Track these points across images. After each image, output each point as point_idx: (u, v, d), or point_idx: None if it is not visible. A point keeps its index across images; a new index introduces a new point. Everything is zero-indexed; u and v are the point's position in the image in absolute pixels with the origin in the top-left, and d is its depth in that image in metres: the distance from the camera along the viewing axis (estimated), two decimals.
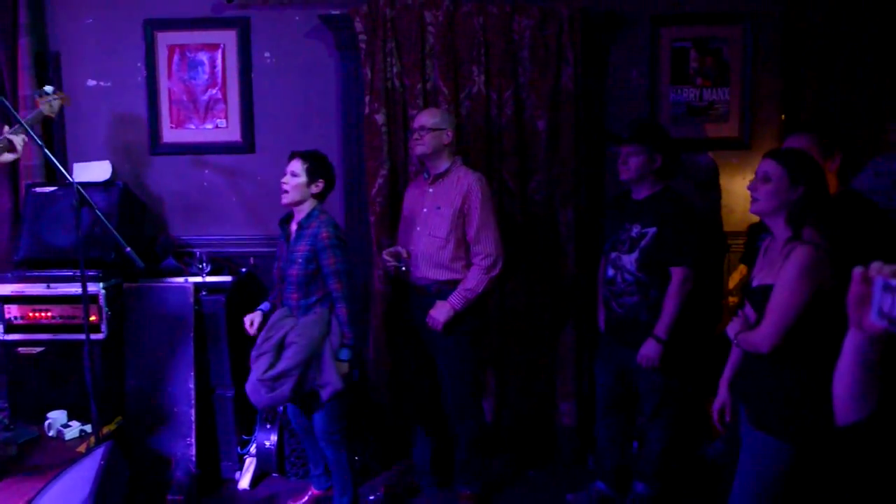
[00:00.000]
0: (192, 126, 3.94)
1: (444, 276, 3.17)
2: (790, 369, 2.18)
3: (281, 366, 2.97)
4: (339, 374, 3.01)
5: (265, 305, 3.26)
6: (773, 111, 3.90)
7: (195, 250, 3.83)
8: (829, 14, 3.84)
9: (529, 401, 3.87)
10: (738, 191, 3.90)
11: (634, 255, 3.06)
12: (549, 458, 3.88)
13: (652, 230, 3.02)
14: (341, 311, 3.04)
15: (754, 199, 2.29)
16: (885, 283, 1.07)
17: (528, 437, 3.90)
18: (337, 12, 3.75)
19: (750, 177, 3.87)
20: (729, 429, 2.56)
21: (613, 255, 3.15)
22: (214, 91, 3.92)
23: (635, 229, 3.07)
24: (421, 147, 3.17)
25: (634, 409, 3.37)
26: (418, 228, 3.23)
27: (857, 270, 1.14)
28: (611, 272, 3.16)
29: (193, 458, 3.45)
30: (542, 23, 3.62)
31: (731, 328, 2.37)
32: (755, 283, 2.33)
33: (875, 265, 1.11)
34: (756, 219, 3.41)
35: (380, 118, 3.63)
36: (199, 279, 3.59)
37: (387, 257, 3.25)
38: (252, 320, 3.18)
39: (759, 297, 2.26)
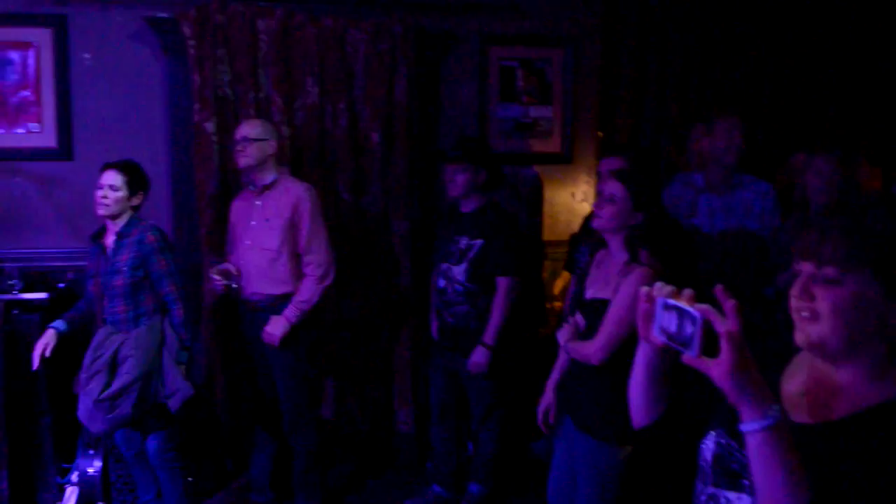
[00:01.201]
0: (1, 130, 3.64)
1: (277, 289, 3.14)
2: (611, 376, 2.35)
3: (118, 383, 2.84)
4: (184, 378, 2.92)
5: (59, 324, 3.03)
6: (592, 129, 4.19)
7: (5, 265, 3.53)
8: (640, 38, 4.18)
9: (368, 410, 3.91)
10: (562, 202, 4.16)
11: (463, 267, 3.19)
12: (388, 466, 3.94)
13: (479, 242, 3.17)
14: (177, 313, 2.96)
15: (597, 216, 2.45)
16: (664, 302, 1.18)
17: (368, 446, 3.94)
18: (164, 15, 3.60)
19: (572, 189, 4.19)
20: (553, 429, 2.73)
21: (444, 266, 3.27)
22: (26, 93, 3.64)
23: (463, 241, 3.20)
24: (245, 159, 3.11)
25: (467, 412, 3.50)
26: (248, 242, 3.18)
27: (643, 290, 1.26)
28: (442, 283, 3.27)
29: (5, 492, 3.19)
30: (375, 37, 3.67)
31: (562, 334, 2.51)
32: (589, 294, 2.48)
33: (657, 286, 1.22)
34: (576, 229, 3.68)
35: (210, 127, 3.54)
36: (9, 297, 3.32)
37: (216, 276, 3.15)
38: (46, 345, 2.93)
39: (592, 309, 2.42)
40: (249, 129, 3.14)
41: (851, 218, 1.17)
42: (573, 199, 4.16)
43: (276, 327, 3.10)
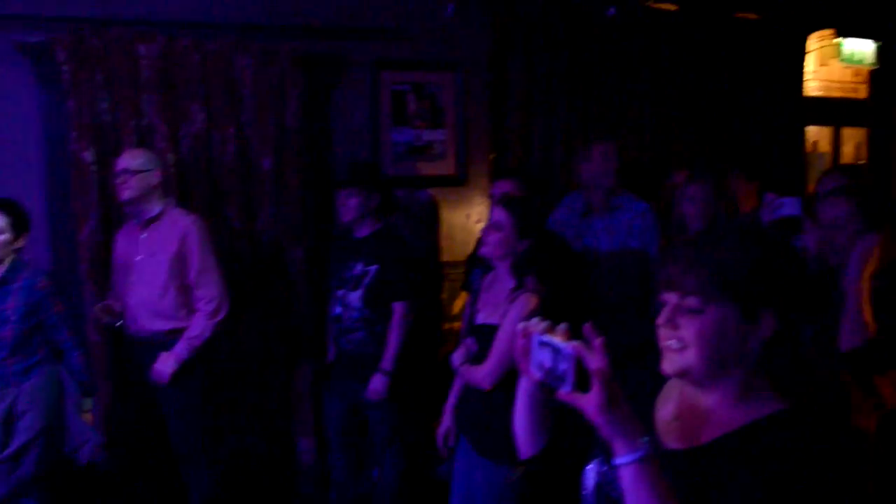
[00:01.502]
0: None
1: (166, 325, 3.03)
2: (504, 399, 2.39)
3: (18, 440, 2.68)
4: (91, 426, 2.78)
5: None
6: (484, 151, 4.27)
7: None
8: (527, 62, 4.30)
9: (268, 442, 3.81)
10: (458, 224, 4.21)
11: (359, 293, 3.18)
12: (291, 498, 3.85)
13: (374, 268, 3.16)
14: (77, 359, 2.84)
15: (485, 243, 2.49)
16: (539, 339, 1.20)
17: (268, 479, 3.84)
18: (36, 40, 3.42)
19: (466, 211, 4.25)
20: (452, 451, 2.75)
21: (340, 292, 3.24)
22: None
23: (358, 267, 3.19)
24: (127, 191, 2.99)
25: (368, 439, 3.47)
26: (134, 277, 3.05)
27: (520, 325, 1.28)
28: (338, 310, 3.24)
29: None
30: (264, 62, 3.62)
31: (456, 358, 2.54)
32: (479, 319, 2.53)
33: (533, 321, 1.25)
34: (472, 249, 3.73)
35: (88, 156, 3.37)
36: None
37: (100, 314, 3.01)
38: None
39: (482, 335, 2.46)
40: (131, 160, 3.02)
41: (711, 247, 1.23)
42: (468, 220, 4.22)
43: (165, 364, 2.98)
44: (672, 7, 4.67)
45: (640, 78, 4.61)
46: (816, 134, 5.78)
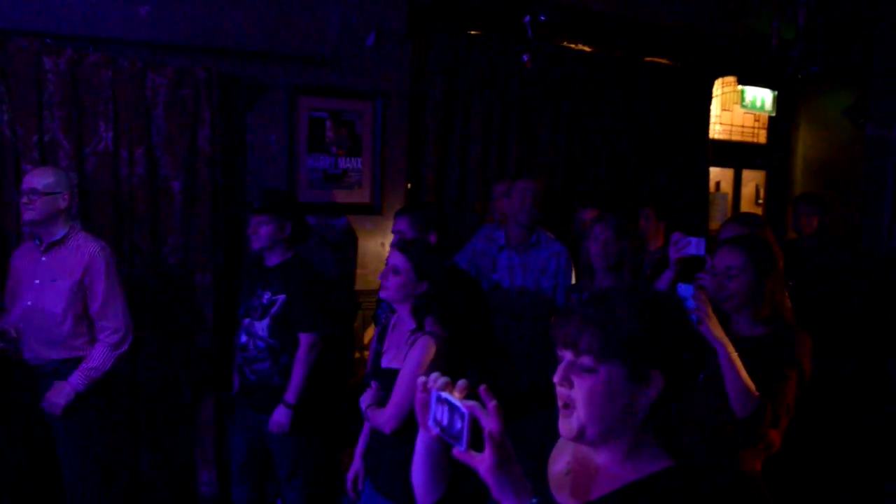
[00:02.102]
0: None
1: (62, 354, 2.89)
2: (408, 442, 2.38)
3: None
4: None
5: None
6: (401, 180, 4.29)
7: None
8: (447, 96, 4.36)
9: (169, 473, 3.68)
10: (373, 252, 4.20)
11: (266, 322, 3.13)
12: None
13: (282, 297, 3.12)
14: None
15: (384, 287, 2.48)
16: (437, 395, 1.21)
17: None
18: None
19: (382, 240, 4.25)
20: (360, 495, 2.72)
21: (246, 321, 3.18)
22: None
23: (266, 296, 3.14)
24: (31, 213, 2.83)
25: (272, 471, 3.40)
26: (29, 302, 2.90)
27: (420, 380, 1.29)
28: (244, 338, 3.18)
29: None
30: (177, 82, 3.53)
31: (364, 400, 2.51)
32: (384, 362, 2.51)
33: (433, 376, 1.25)
34: None
35: None
36: None
37: None
38: None
39: (385, 378, 2.45)
40: (38, 179, 2.85)
41: (606, 309, 1.28)
42: (383, 249, 4.22)
43: (59, 395, 2.84)
44: (586, 48, 4.83)
45: (555, 115, 4.75)
46: (719, 175, 6.07)
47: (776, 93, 5.91)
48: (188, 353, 3.65)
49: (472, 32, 4.42)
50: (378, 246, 4.23)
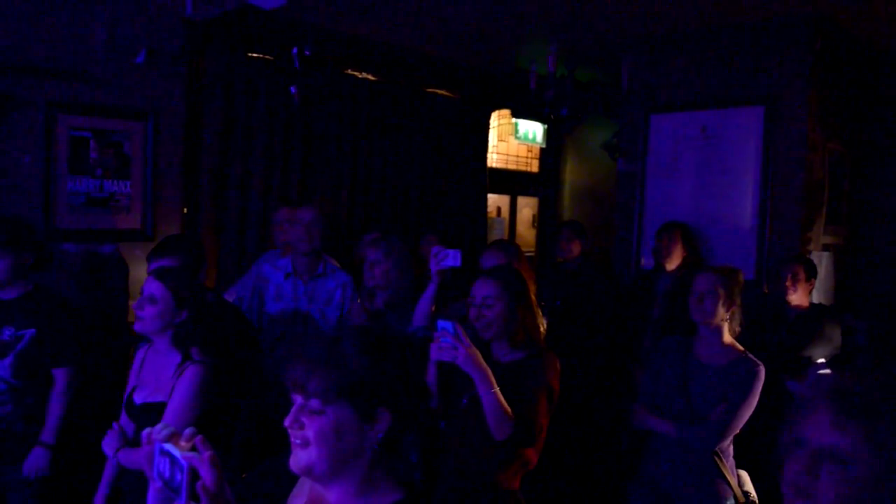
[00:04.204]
0: None
1: None
2: None
3: None
4: None
5: None
6: (176, 204, 4.11)
7: None
8: (225, 118, 4.26)
9: None
10: (143, 281, 3.96)
11: (8, 361, 2.83)
12: None
13: (30, 332, 2.85)
14: None
15: (139, 318, 2.34)
16: (161, 447, 1.16)
17: None
18: None
19: None
20: None
21: None
22: None
23: (7, 333, 2.85)
24: None
25: None
26: None
27: (145, 431, 1.24)
28: None
29: None
30: None
31: (109, 445, 2.34)
32: (140, 398, 2.36)
33: (157, 428, 1.20)
34: None
35: None
36: None
37: None
38: None
39: (145, 414, 2.31)
40: None
41: (331, 352, 1.32)
42: None
43: None
44: (371, 77, 4.95)
45: (339, 140, 4.80)
46: (498, 201, 6.46)
47: (546, 126, 6.42)
48: None
49: (252, 55, 4.36)
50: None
